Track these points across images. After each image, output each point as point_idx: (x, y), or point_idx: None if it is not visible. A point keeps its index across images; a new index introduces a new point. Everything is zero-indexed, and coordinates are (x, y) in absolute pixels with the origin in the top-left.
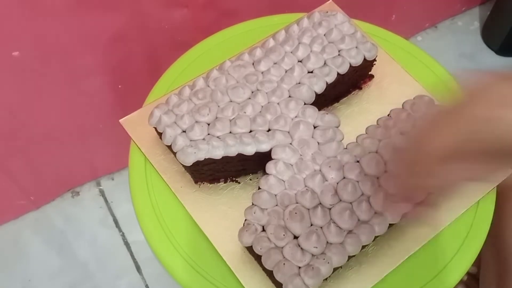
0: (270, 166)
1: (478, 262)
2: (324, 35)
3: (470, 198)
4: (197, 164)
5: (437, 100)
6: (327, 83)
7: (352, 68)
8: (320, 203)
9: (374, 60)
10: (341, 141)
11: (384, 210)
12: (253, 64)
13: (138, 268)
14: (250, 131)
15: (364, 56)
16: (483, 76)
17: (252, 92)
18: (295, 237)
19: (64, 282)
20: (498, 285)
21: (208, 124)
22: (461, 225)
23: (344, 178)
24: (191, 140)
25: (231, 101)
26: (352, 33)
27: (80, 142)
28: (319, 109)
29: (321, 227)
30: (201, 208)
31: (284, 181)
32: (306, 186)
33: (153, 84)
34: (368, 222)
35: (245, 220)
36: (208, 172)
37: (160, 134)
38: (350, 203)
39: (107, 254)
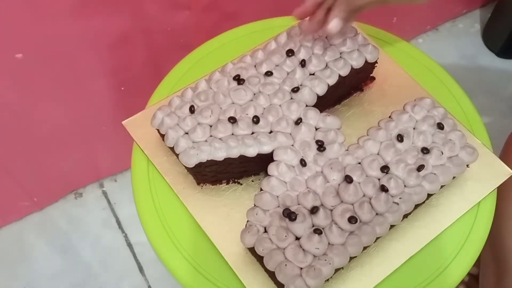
0: (272, 168)
1: (479, 263)
2: (326, 37)
3: (471, 200)
4: (200, 165)
5: (438, 102)
6: (328, 85)
7: (353, 70)
8: (322, 204)
9: (376, 62)
10: (342, 142)
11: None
12: (255, 66)
13: (141, 269)
14: (252, 133)
15: (366, 59)
16: None
17: (254, 94)
18: (297, 238)
19: (67, 283)
20: (496, 285)
21: (210, 126)
22: (462, 226)
23: (345, 179)
24: (193, 142)
25: (233, 103)
26: (353, 36)
27: (83, 144)
28: (321, 111)
29: (322, 228)
30: (204, 209)
31: (286, 183)
32: (308, 187)
33: (156, 86)
34: (369, 223)
35: (247, 221)
36: (210, 174)
37: (162, 136)
38: (352, 204)
39: (110, 255)
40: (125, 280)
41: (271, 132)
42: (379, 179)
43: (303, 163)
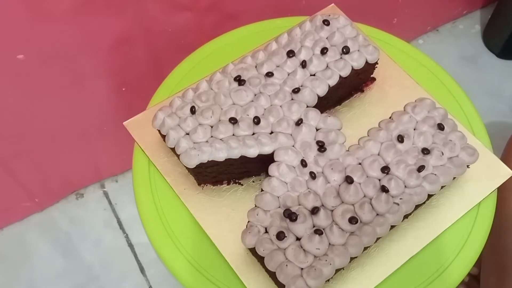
0: (272, 168)
1: (479, 263)
2: (327, 38)
3: (472, 200)
4: (200, 166)
5: (438, 103)
6: (329, 86)
7: (354, 71)
8: (323, 205)
9: (376, 63)
10: (343, 143)
11: None
12: (255, 67)
13: (142, 270)
14: (253, 134)
15: (366, 59)
16: None
17: (255, 95)
18: (298, 239)
19: (69, 283)
20: (497, 285)
21: (211, 127)
22: (462, 226)
23: (346, 180)
24: (194, 143)
25: (234, 104)
26: (354, 36)
27: (85, 145)
28: (322, 112)
29: (323, 229)
30: (205, 210)
31: (286, 183)
32: (308, 188)
33: (157, 87)
34: (370, 224)
35: (248, 222)
36: (211, 174)
37: (163, 136)
38: (352, 205)
39: (111, 255)
40: (126, 281)
41: (271, 132)
42: (379, 180)
43: (303, 163)
